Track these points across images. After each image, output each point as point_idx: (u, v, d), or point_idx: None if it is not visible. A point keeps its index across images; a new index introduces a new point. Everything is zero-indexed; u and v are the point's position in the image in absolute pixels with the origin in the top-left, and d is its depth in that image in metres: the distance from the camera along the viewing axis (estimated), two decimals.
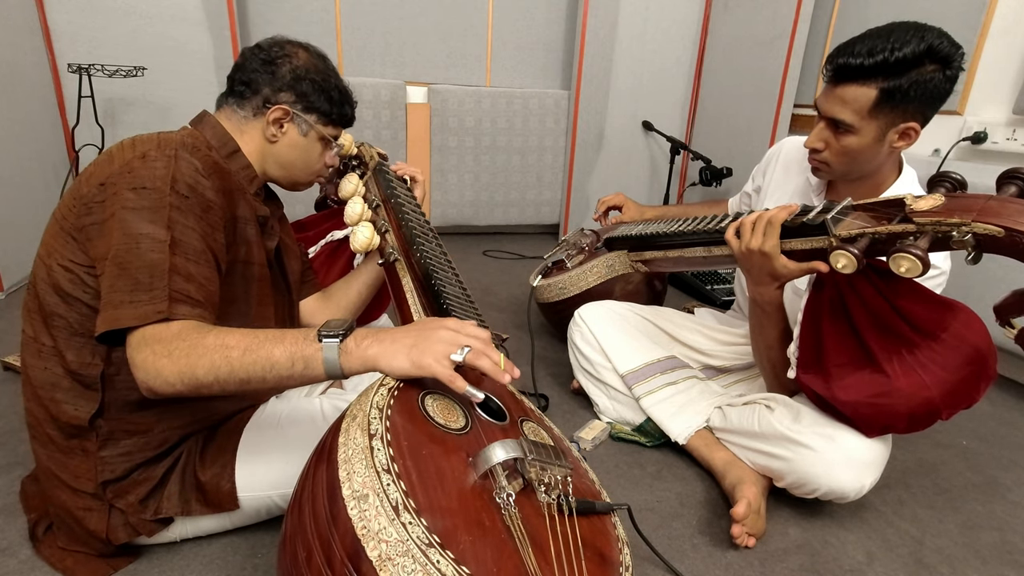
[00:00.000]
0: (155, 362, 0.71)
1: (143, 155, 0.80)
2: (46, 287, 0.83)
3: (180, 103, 2.36)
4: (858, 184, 1.14)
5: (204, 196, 0.82)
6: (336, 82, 1.01)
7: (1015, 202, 0.79)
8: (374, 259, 1.19)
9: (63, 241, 0.82)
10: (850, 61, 0.99)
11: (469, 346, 0.73)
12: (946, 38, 0.97)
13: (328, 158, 1.06)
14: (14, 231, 1.98)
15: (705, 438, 1.28)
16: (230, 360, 0.71)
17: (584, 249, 1.72)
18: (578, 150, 2.99)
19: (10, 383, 1.44)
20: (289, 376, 0.72)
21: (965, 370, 0.95)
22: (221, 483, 0.92)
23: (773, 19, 2.53)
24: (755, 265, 1.03)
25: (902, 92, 0.98)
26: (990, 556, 1.10)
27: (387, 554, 0.53)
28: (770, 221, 0.99)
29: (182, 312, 0.75)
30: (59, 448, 0.88)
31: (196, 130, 0.95)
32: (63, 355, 0.84)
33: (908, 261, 0.80)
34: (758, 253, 1.00)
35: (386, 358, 0.72)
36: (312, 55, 1.00)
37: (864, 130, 1.02)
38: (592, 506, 0.75)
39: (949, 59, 0.97)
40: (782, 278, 1.02)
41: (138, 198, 0.77)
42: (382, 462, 0.58)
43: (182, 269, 0.77)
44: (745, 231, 1.03)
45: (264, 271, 0.99)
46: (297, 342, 0.72)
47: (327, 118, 1.01)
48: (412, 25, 2.72)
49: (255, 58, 0.96)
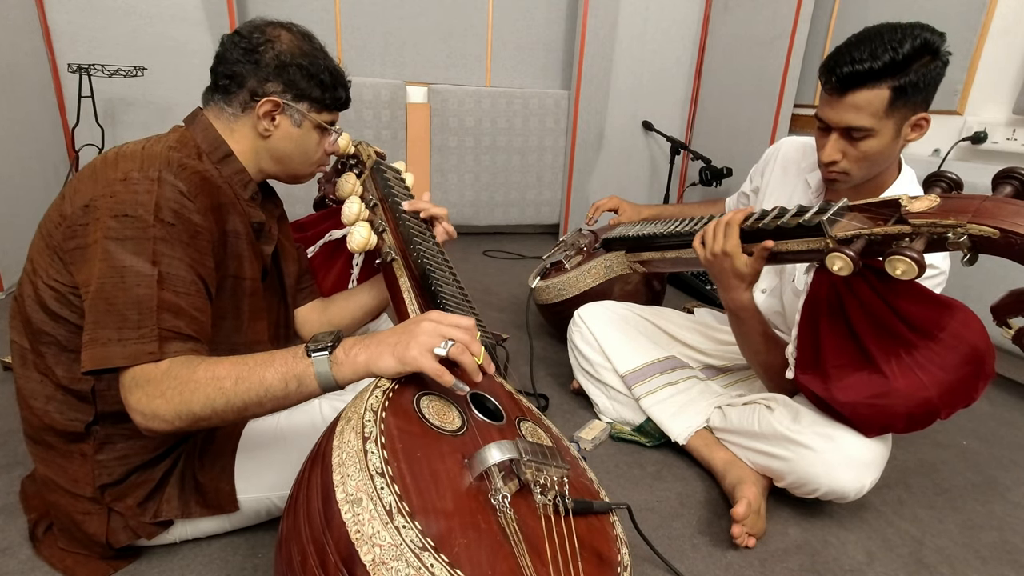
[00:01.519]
0: (149, 404, 0.70)
1: (125, 177, 0.77)
2: (34, 304, 0.82)
3: (180, 103, 2.37)
4: (861, 187, 1.13)
5: (191, 220, 0.79)
6: (326, 63, 0.94)
7: (1010, 203, 0.79)
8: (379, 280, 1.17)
9: (49, 259, 0.80)
10: (857, 68, 0.98)
11: (453, 339, 0.73)
12: (929, 28, 0.99)
13: (328, 145, 1.01)
14: (14, 231, 1.99)
15: (705, 438, 1.28)
16: (224, 391, 0.71)
17: (582, 250, 1.72)
18: (578, 150, 2.98)
19: (10, 383, 1.44)
20: (284, 396, 0.72)
21: (963, 370, 0.95)
22: (220, 485, 0.92)
23: (773, 19, 2.53)
24: (721, 269, 1.07)
25: (912, 86, 0.98)
26: (990, 556, 1.10)
27: (381, 558, 0.53)
28: (728, 223, 1.04)
29: (174, 349, 0.74)
30: (57, 453, 0.87)
31: (188, 132, 0.91)
32: (53, 370, 0.84)
33: (904, 264, 0.79)
34: (721, 255, 1.05)
35: (374, 360, 0.72)
36: (296, 36, 0.93)
37: (882, 131, 1.02)
38: (590, 506, 0.75)
39: (939, 49, 0.99)
40: (747, 276, 1.05)
41: (121, 227, 0.74)
42: (376, 465, 0.58)
43: (171, 304, 0.75)
44: (708, 237, 1.07)
45: (256, 285, 0.97)
46: (287, 362, 0.72)
47: (320, 104, 0.95)
48: (412, 25, 2.72)
49: (236, 47, 0.90)
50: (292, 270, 1.13)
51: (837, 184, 1.13)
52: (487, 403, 0.82)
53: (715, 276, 1.10)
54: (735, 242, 1.03)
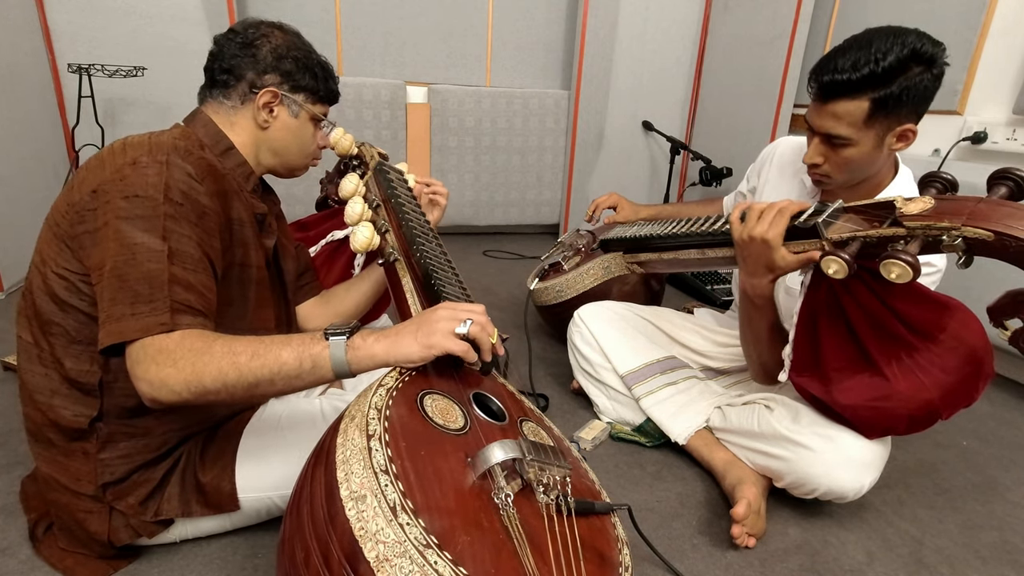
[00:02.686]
0: (158, 372, 0.71)
1: (134, 161, 0.78)
2: (42, 295, 0.83)
3: (180, 103, 2.33)
4: (856, 186, 1.13)
5: (198, 202, 0.81)
6: (317, 58, 0.99)
7: (1005, 205, 0.78)
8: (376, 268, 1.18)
9: (57, 248, 0.81)
10: (836, 77, 0.98)
11: (471, 319, 0.76)
12: (926, 38, 0.96)
13: (320, 138, 1.05)
14: (14, 231, 1.99)
15: (705, 438, 1.28)
16: (238, 365, 0.71)
17: (580, 251, 1.72)
18: (578, 150, 2.98)
19: (10, 383, 1.44)
20: (297, 376, 0.73)
21: (964, 370, 0.95)
22: (221, 484, 0.92)
23: (773, 19, 2.53)
24: (753, 254, 1.00)
25: (894, 99, 0.97)
26: (990, 556, 1.10)
27: (384, 555, 0.53)
28: (781, 211, 0.97)
29: (185, 322, 0.75)
30: (59, 451, 0.87)
31: (189, 128, 0.93)
32: (61, 362, 0.84)
33: (898, 267, 0.78)
34: (759, 241, 0.98)
35: (395, 349, 0.74)
36: (287, 33, 0.98)
37: (862, 141, 1.02)
38: (591, 506, 0.75)
39: (933, 58, 0.96)
40: (778, 270, 0.99)
41: (131, 206, 0.76)
42: (380, 463, 0.58)
43: (181, 279, 0.76)
44: (751, 217, 1.00)
45: (262, 273, 0.99)
46: (304, 342, 0.74)
47: (315, 96, 0.99)
48: (412, 25, 2.72)
49: (231, 43, 0.93)
50: (291, 267, 1.14)
51: (823, 184, 1.14)
52: (490, 403, 0.82)
53: (743, 257, 1.04)
54: (780, 231, 0.96)
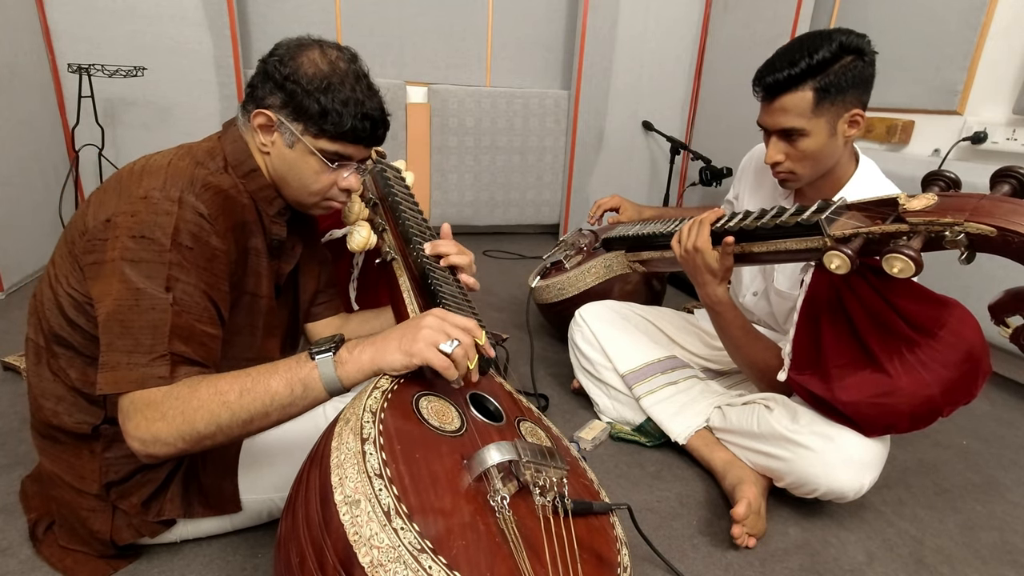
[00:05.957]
0: (148, 428, 0.70)
1: (146, 195, 0.76)
2: (53, 307, 0.82)
3: (180, 103, 2.36)
4: (820, 182, 1.18)
5: (208, 244, 0.79)
6: (344, 92, 0.84)
7: (1008, 201, 0.79)
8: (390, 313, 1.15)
9: (70, 267, 0.81)
10: (777, 76, 1.07)
11: (459, 340, 0.73)
12: (850, 32, 1.05)
13: (341, 181, 0.91)
14: (14, 231, 1.99)
15: (705, 438, 1.28)
16: (228, 404, 0.70)
17: (582, 250, 1.72)
18: (578, 150, 2.98)
19: (10, 383, 1.44)
20: (291, 403, 0.72)
21: (964, 366, 0.95)
22: (223, 486, 0.93)
23: (773, 19, 2.53)
24: (695, 265, 1.12)
25: (835, 85, 1.05)
26: (990, 556, 1.10)
27: (379, 560, 0.53)
28: (701, 221, 1.11)
29: (183, 373, 0.74)
30: (65, 448, 0.88)
31: (219, 144, 0.89)
32: (67, 372, 0.84)
33: (901, 262, 0.79)
34: (693, 250, 1.10)
35: (380, 356, 0.73)
36: (322, 54, 0.86)
37: (815, 130, 1.08)
38: (589, 507, 0.75)
39: (861, 49, 1.05)
40: (717, 272, 1.10)
41: (138, 248, 0.74)
42: (374, 467, 0.58)
43: (183, 330, 0.75)
44: (683, 233, 1.14)
45: (271, 303, 0.97)
46: (291, 368, 0.72)
47: (317, 129, 0.85)
48: (412, 25, 2.72)
49: (268, 57, 0.87)
50: (310, 287, 1.12)
51: (788, 184, 1.20)
52: (487, 404, 0.82)
53: (690, 273, 1.15)
54: (705, 238, 1.09)
